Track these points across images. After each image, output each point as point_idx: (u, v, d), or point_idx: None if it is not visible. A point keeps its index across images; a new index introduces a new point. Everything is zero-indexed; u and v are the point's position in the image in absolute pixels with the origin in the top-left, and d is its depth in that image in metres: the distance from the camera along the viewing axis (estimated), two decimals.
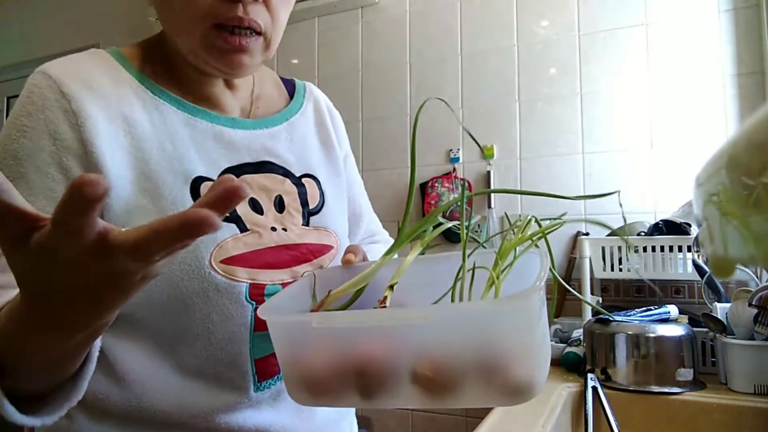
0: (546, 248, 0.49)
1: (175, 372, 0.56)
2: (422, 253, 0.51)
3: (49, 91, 0.53)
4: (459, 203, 0.50)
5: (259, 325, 0.58)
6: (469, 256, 0.48)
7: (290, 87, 0.75)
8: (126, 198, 0.53)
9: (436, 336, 0.38)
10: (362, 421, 0.87)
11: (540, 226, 0.50)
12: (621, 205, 1.64)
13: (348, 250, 0.58)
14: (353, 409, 0.78)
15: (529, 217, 0.51)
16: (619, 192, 0.47)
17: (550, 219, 0.51)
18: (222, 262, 0.55)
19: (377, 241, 0.83)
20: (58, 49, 2.51)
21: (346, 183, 0.76)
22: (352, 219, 0.78)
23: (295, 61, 2.20)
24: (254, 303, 0.57)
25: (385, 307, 0.45)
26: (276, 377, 0.60)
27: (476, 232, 1.87)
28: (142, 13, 0.61)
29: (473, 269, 0.47)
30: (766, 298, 1.09)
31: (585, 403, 1.09)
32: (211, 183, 0.56)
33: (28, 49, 2.74)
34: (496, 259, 0.47)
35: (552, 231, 0.49)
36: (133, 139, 0.55)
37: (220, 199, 0.29)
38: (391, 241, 0.82)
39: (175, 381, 0.56)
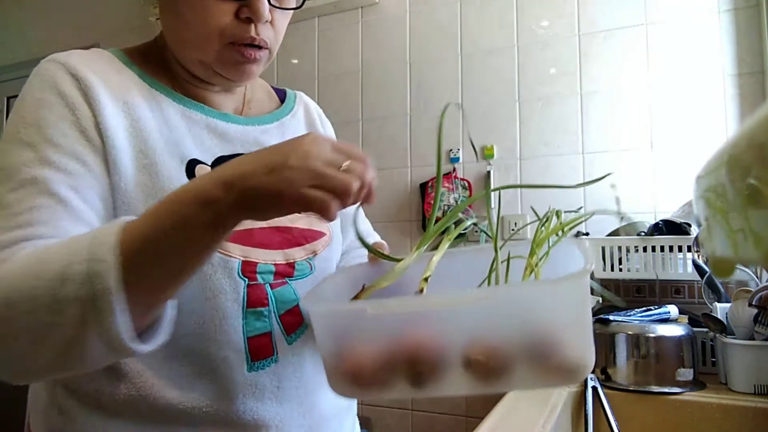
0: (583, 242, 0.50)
1: (171, 356, 0.57)
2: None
3: (61, 71, 0.56)
4: (485, 197, 0.54)
5: (252, 302, 0.59)
6: (501, 248, 0.49)
7: (281, 94, 0.79)
8: (129, 174, 0.56)
9: (489, 319, 0.38)
10: (362, 421, 0.87)
11: (559, 218, 0.52)
12: (618, 200, 1.64)
13: (375, 246, 0.58)
14: (355, 406, 0.78)
15: (553, 210, 0.52)
16: (614, 181, 0.49)
17: (575, 212, 0.55)
18: None
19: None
20: (57, 49, 2.48)
21: None
22: (344, 219, 0.79)
23: (295, 61, 2.20)
24: (246, 279, 0.59)
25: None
26: (270, 359, 0.61)
27: (475, 233, 1.87)
28: (142, 13, 0.62)
29: (508, 259, 0.48)
30: (766, 298, 1.09)
31: (585, 403, 1.09)
32: (206, 167, 0.60)
33: (28, 49, 2.74)
34: (533, 247, 0.48)
35: (579, 223, 0.52)
36: (133, 121, 0.58)
37: None
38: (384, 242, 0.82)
39: (171, 366, 0.57)
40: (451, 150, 1.93)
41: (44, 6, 2.76)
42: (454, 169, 1.91)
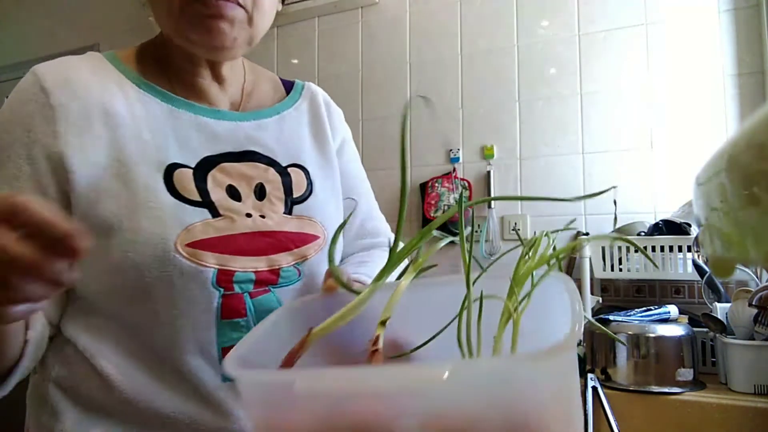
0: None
1: (147, 364, 0.57)
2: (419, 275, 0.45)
3: (32, 87, 0.57)
4: (458, 213, 0.43)
5: (227, 313, 0.58)
6: (474, 282, 0.41)
7: (288, 85, 0.76)
8: (96, 183, 0.56)
9: (447, 398, 0.31)
10: None
11: (550, 239, 0.45)
12: (615, 203, 1.64)
13: (327, 275, 0.53)
14: None
15: (543, 233, 0.45)
16: (616, 188, 0.46)
17: (563, 230, 0.48)
18: (188, 245, 0.55)
19: (377, 245, 0.80)
20: (57, 49, 2.51)
21: (341, 174, 0.74)
22: (346, 213, 0.76)
23: (295, 61, 2.20)
24: (221, 289, 0.57)
25: (377, 350, 0.38)
26: None
27: (476, 233, 1.87)
28: (142, 13, 0.62)
29: (481, 298, 0.41)
30: (766, 298, 1.09)
31: (585, 403, 1.09)
32: (187, 170, 0.59)
33: (27, 49, 2.74)
34: (512, 286, 0.41)
35: (569, 253, 0.44)
36: (110, 130, 0.58)
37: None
38: (383, 247, 0.80)
39: (149, 373, 0.57)
40: (451, 150, 1.93)
41: (44, 6, 2.76)
42: (454, 169, 1.91)
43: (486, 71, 1.91)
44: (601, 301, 1.59)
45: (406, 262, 0.46)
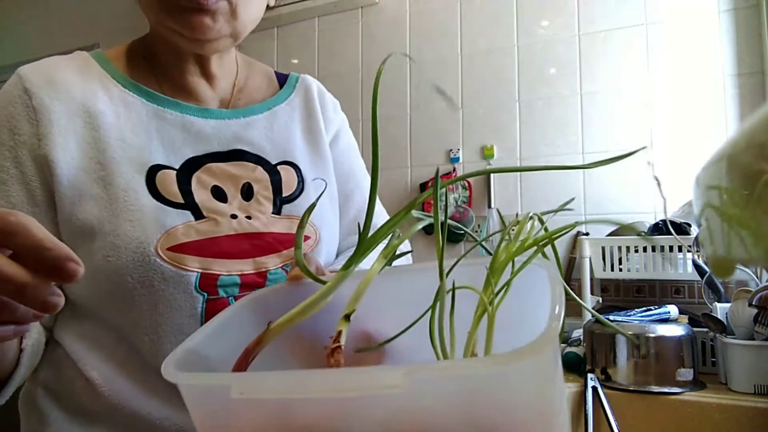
0: (554, 258, 0.39)
1: (134, 369, 0.56)
2: (391, 262, 0.42)
3: (15, 89, 0.57)
4: (434, 197, 0.37)
5: (211, 317, 0.57)
6: (448, 273, 0.37)
7: (282, 79, 0.74)
8: (78, 185, 0.56)
9: (407, 405, 0.28)
10: None
11: (543, 224, 0.40)
12: (658, 182, 1.63)
13: (293, 263, 0.50)
14: None
15: (528, 215, 0.41)
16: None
17: (556, 212, 0.42)
18: (170, 249, 0.54)
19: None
20: (57, 49, 2.50)
21: (335, 165, 0.72)
22: (344, 215, 0.74)
23: (295, 61, 2.20)
24: (205, 294, 0.56)
25: (339, 346, 0.35)
26: None
27: (476, 232, 1.87)
28: (142, 13, 0.62)
29: (453, 290, 0.37)
30: (766, 298, 1.09)
31: (585, 403, 1.09)
32: (170, 171, 0.58)
33: (27, 50, 2.74)
34: (488, 277, 0.37)
35: (560, 236, 0.39)
36: (92, 130, 0.57)
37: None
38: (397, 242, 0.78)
39: (135, 379, 0.56)
40: (451, 150, 1.93)
41: (43, 6, 2.76)
42: (454, 169, 1.91)
43: (486, 71, 1.91)
44: (601, 301, 1.59)
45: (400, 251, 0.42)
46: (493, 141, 1.88)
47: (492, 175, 1.86)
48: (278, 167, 0.65)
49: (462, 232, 1.88)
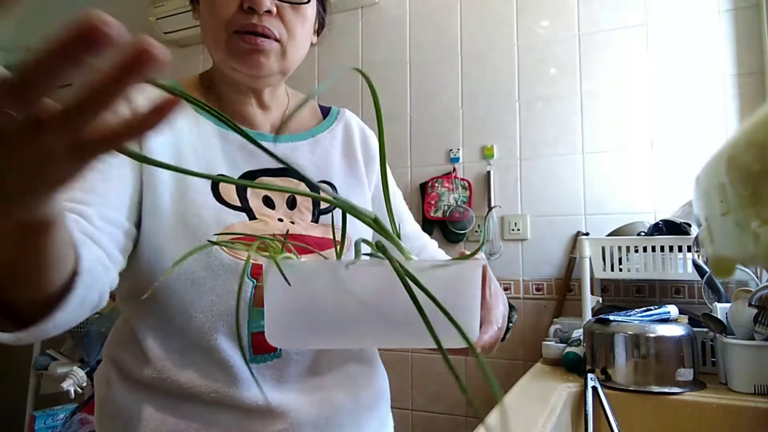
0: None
1: (184, 347, 0.65)
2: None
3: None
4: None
5: (258, 301, 0.66)
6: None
7: (325, 111, 0.86)
8: (159, 174, 0.64)
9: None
10: None
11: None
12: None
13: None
14: (383, 406, 0.79)
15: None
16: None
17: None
18: (228, 242, 0.63)
19: (425, 245, 0.88)
20: None
21: (377, 196, 0.83)
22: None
23: None
24: (254, 280, 0.66)
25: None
26: (272, 354, 0.67)
27: (476, 232, 1.87)
28: (142, 13, 0.63)
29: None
30: (766, 298, 1.09)
31: (585, 403, 1.09)
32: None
33: (27, 49, 2.74)
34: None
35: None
36: (173, 137, 0.67)
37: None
38: (434, 243, 0.89)
39: (185, 356, 0.65)
40: (451, 150, 1.93)
41: (44, 6, 2.76)
42: (454, 169, 1.91)
43: (486, 71, 1.91)
44: (601, 301, 1.59)
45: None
46: (493, 141, 1.88)
47: (492, 176, 1.86)
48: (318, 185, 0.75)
49: (464, 232, 1.88)
